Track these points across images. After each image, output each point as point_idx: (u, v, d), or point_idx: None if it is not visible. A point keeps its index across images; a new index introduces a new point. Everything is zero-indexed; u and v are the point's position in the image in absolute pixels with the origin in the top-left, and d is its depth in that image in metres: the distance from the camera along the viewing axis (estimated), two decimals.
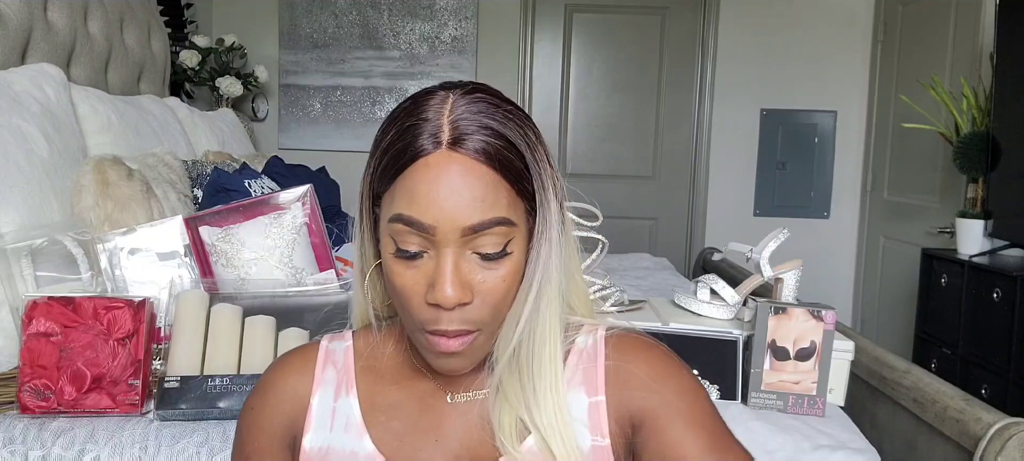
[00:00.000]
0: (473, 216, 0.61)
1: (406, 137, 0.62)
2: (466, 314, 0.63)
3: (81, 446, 1.13)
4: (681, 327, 1.38)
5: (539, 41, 3.83)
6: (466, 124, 0.62)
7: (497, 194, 0.62)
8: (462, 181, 0.61)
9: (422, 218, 0.61)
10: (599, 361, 0.70)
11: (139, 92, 2.48)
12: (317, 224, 1.53)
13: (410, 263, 0.63)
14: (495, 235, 0.62)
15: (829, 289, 3.63)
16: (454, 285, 0.61)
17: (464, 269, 0.62)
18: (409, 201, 0.61)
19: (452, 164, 0.61)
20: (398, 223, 0.62)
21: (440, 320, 0.63)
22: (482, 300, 0.63)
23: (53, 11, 1.97)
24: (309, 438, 0.71)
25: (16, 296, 1.30)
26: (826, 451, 1.16)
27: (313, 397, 0.72)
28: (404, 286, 0.63)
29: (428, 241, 0.62)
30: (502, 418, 0.67)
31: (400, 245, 0.63)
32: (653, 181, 3.88)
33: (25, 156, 1.46)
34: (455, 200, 0.60)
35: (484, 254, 0.63)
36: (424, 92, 0.66)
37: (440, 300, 0.61)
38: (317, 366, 0.74)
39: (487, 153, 0.62)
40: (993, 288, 2.20)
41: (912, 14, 3.32)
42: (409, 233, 0.62)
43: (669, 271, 2.62)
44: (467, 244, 0.62)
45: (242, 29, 3.59)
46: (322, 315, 1.35)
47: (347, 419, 0.71)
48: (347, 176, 2.82)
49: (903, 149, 3.34)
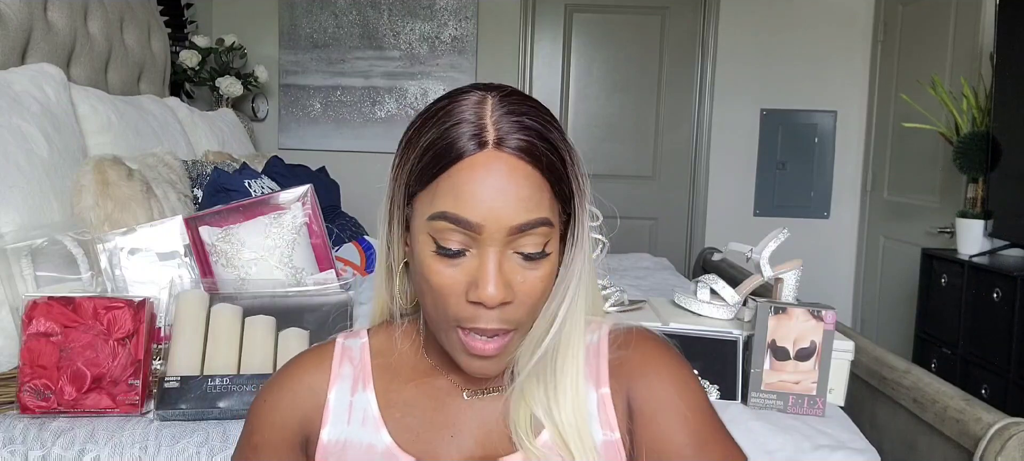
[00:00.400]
0: (519, 216, 0.62)
1: (449, 136, 0.63)
2: (505, 313, 0.64)
3: (81, 446, 1.13)
4: (681, 327, 1.38)
5: (539, 41, 3.83)
6: (510, 125, 0.63)
7: (541, 194, 0.63)
8: (509, 181, 0.62)
9: (469, 216, 0.61)
10: (603, 354, 0.72)
11: (139, 92, 2.48)
12: (317, 224, 1.53)
13: (451, 261, 0.63)
14: (537, 235, 0.63)
15: (829, 289, 3.63)
16: (498, 284, 0.62)
17: (506, 269, 0.63)
18: (455, 199, 0.62)
19: (499, 163, 0.62)
20: (442, 221, 0.62)
21: (479, 318, 0.63)
22: (520, 300, 0.64)
23: (53, 11, 1.97)
24: (327, 431, 0.71)
25: (16, 296, 1.30)
26: (826, 451, 1.16)
27: (330, 392, 0.73)
28: (443, 284, 0.64)
29: (472, 239, 0.63)
30: (518, 414, 0.68)
31: (441, 243, 0.63)
32: (653, 181, 3.88)
33: (25, 156, 1.46)
34: (502, 199, 0.62)
35: (526, 254, 0.64)
36: (458, 92, 0.67)
37: (483, 298, 0.62)
38: (334, 362, 0.74)
39: (532, 153, 0.63)
40: (993, 288, 2.20)
41: (912, 14, 3.32)
42: (453, 231, 0.62)
43: (669, 271, 2.62)
44: (510, 244, 0.63)
45: (242, 29, 3.59)
46: (322, 315, 1.35)
47: (364, 413, 0.71)
48: (347, 176, 2.82)
49: (903, 149, 3.34)
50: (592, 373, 0.72)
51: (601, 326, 0.75)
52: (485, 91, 0.66)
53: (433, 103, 0.67)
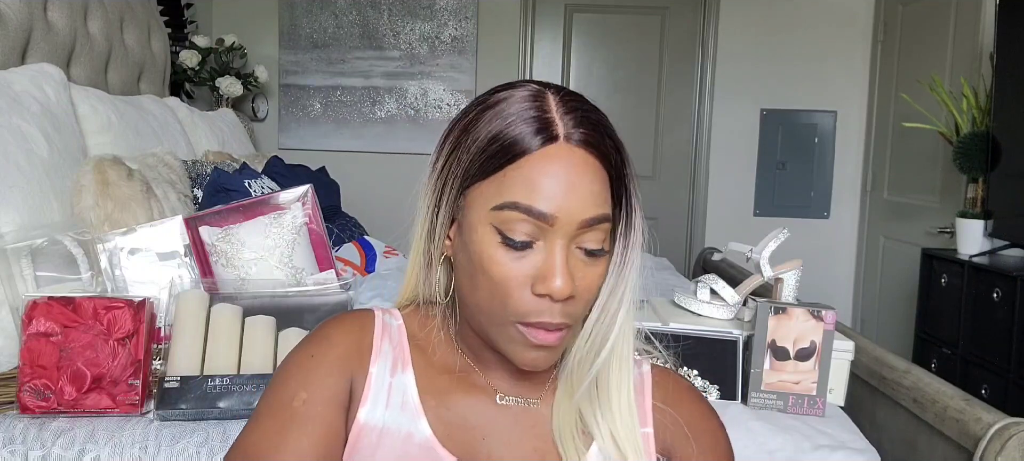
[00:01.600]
0: (589, 210, 0.62)
1: (517, 128, 0.63)
2: (567, 307, 0.64)
3: (81, 446, 1.13)
4: (681, 327, 1.38)
5: (539, 41, 3.83)
6: (576, 119, 0.63)
7: (605, 190, 0.64)
8: (581, 175, 0.62)
9: (542, 207, 0.62)
10: (647, 395, 0.73)
11: (139, 92, 2.48)
12: (317, 224, 1.53)
13: (517, 253, 0.63)
14: (600, 231, 0.64)
15: (829, 289, 3.63)
16: (566, 277, 0.62)
17: (570, 263, 0.63)
18: (527, 190, 0.62)
19: (571, 156, 0.62)
20: (512, 211, 0.62)
21: (544, 312, 0.63)
22: (579, 296, 0.64)
23: (53, 11, 1.97)
24: (366, 411, 0.68)
25: (16, 296, 1.30)
26: (826, 451, 1.16)
27: (373, 366, 0.70)
28: (506, 276, 0.63)
29: (540, 231, 0.63)
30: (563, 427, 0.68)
31: (508, 234, 0.63)
32: (653, 181, 3.88)
33: (25, 156, 1.46)
34: (576, 193, 0.62)
35: (588, 250, 0.64)
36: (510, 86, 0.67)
37: (552, 291, 0.62)
38: (376, 334, 0.72)
39: (599, 148, 0.64)
40: (993, 288, 2.20)
41: (912, 14, 3.32)
42: (523, 222, 0.62)
43: (669, 271, 2.62)
44: (575, 239, 0.63)
45: (242, 29, 3.59)
46: (322, 315, 1.35)
47: (404, 397, 0.69)
48: (347, 176, 2.82)
49: (903, 149, 3.34)
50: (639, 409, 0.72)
51: (642, 363, 0.76)
52: (540, 86, 0.66)
53: (486, 96, 0.67)
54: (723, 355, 1.34)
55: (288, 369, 0.69)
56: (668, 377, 0.75)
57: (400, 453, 0.67)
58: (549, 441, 0.70)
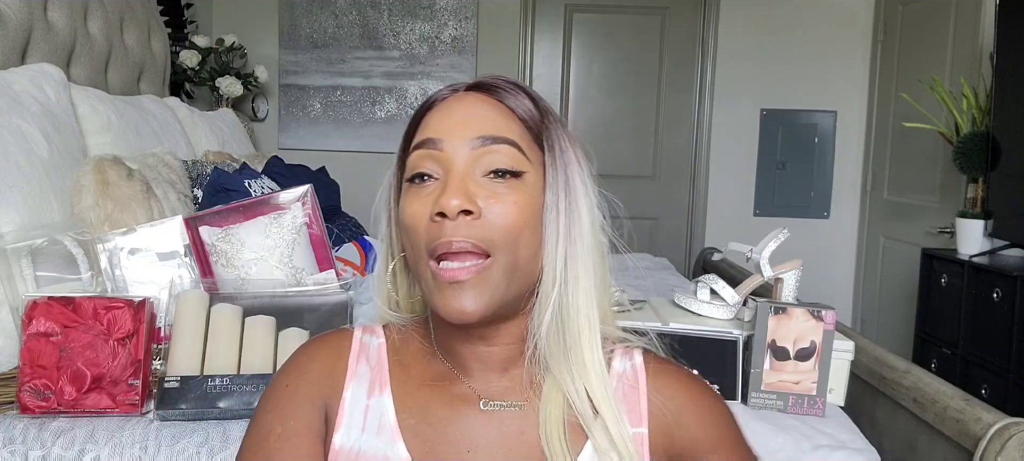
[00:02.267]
0: (482, 129, 0.65)
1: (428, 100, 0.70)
2: (473, 229, 0.62)
3: (81, 446, 1.13)
4: (681, 327, 1.38)
5: (539, 41, 3.83)
6: (486, 78, 0.70)
7: (509, 124, 0.67)
8: (475, 106, 0.67)
9: (432, 135, 0.66)
10: (641, 390, 0.71)
11: (139, 92, 2.48)
12: (317, 224, 1.53)
13: (421, 189, 0.65)
14: (503, 154, 0.65)
15: (829, 289, 3.63)
16: (458, 192, 0.62)
17: (471, 187, 0.64)
18: (423, 129, 0.68)
19: (468, 98, 0.68)
20: (414, 152, 0.67)
21: (444, 232, 0.62)
22: (491, 219, 0.63)
23: (53, 11, 1.97)
24: (340, 436, 0.67)
25: (16, 296, 1.30)
26: (826, 451, 1.16)
27: (346, 390, 0.69)
28: (414, 213, 0.65)
29: (437, 162, 0.65)
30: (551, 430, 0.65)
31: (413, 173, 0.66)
32: (653, 181, 3.88)
33: (25, 156, 1.46)
34: (465, 115, 0.66)
35: (495, 171, 0.65)
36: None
37: (443, 206, 0.62)
38: (351, 356, 0.71)
39: (502, 92, 0.68)
40: (993, 288, 2.20)
41: (912, 14, 3.32)
42: (422, 157, 0.66)
43: (669, 271, 2.62)
44: (476, 163, 0.65)
45: (242, 29, 3.59)
46: (322, 315, 1.35)
47: (380, 420, 0.68)
48: (347, 176, 2.82)
49: (903, 149, 3.34)
50: (630, 407, 0.70)
51: (631, 353, 0.73)
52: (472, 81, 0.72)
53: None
54: (723, 355, 1.34)
55: (265, 402, 0.70)
56: (660, 366, 0.73)
57: None
58: (537, 447, 0.66)
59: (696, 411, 0.70)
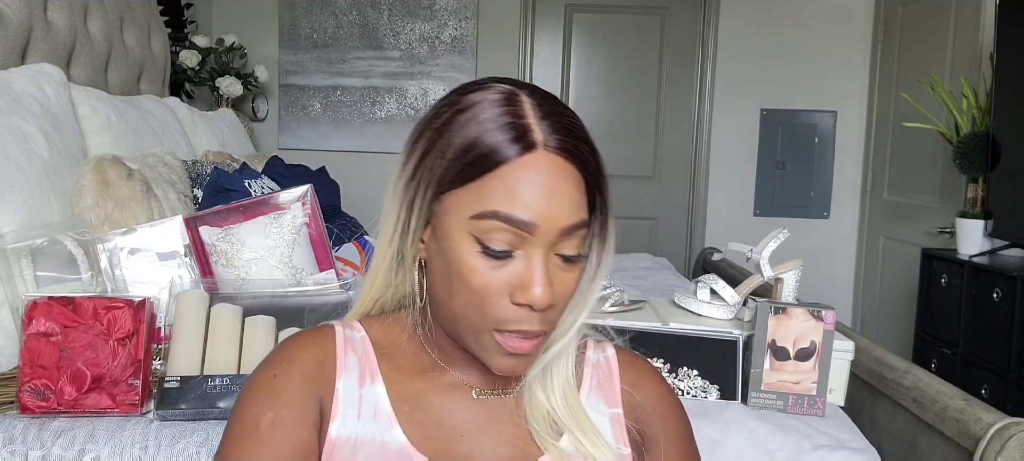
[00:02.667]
0: (569, 217, 0.62)
1: (493, 136, 0.62)
2: (546, 315, 0.64)
3: (81, 446, 1.13)
4: (681, 327, 1.38)
5: (539, 41, 3.83)
6: (553, 124, 0.63)
7: (582, 196, 0.64)
8: (561, 182, 0.62)
9: (524, 217, 0.61)
10: (614, 378, 0.76)
11: (139, 92, 2.48)
12: (317, 224, 1.53)
13: (497, 262, 0.62)
14: (578, 238, 0.64)
15: (829, 289, 3.63)
16: (546, 286, 0.62)
17: (549, 271, 0.63)
18: (510, 200, 0.61)
19: (552, 165, 0.62)
20: (492, 220, 0.61)
21: (522, 320, 0.63)
22: (557, 303, 0.64)
23: (53, 11, 1.97)
24: (336, 426, 0.67)
25: (16, 296, 1.30)
26: (826, 451, 1.16)
27: (338, 381, 0.68)
28: (485, 285, 0.62)
29: (521, 240, 0.62)
30: (536, 416, 0.69)
31: (488, 243, 0.62)
32: (653, 181, 3.88)
33: (25, 156, 1.46)
34: (556, 201, 0.61)
35: (565, 256, 0.64)
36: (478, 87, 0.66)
37: (533, 301, 0.61)
38: (338, 349, 0.70)
39: (577, 156, 0.63)
40: (993, 288, 2.20)
41: (912, 14, 3.32)
42: (503, 231, 0.61)
43: (669, 271, 2.62)
44: (554, 246, 0.63)
45: (242, 29, 3.59)
46: (322, 315, 1.35)
47: (375, 408, 0.68)
48: (347, 176, 2.82)
49: (903, 149, 3.34)
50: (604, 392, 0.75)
51: (604, 346, 0.78)
52: (511, 87, 0.65)
53: (456, 96, 0.66)
54: (723, 355, 1.34)
55: (251, 392, 0.67)
56: (634, 360, 0.78)
57: None
58: (525, 429, 0.70)
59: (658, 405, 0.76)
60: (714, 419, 1.23)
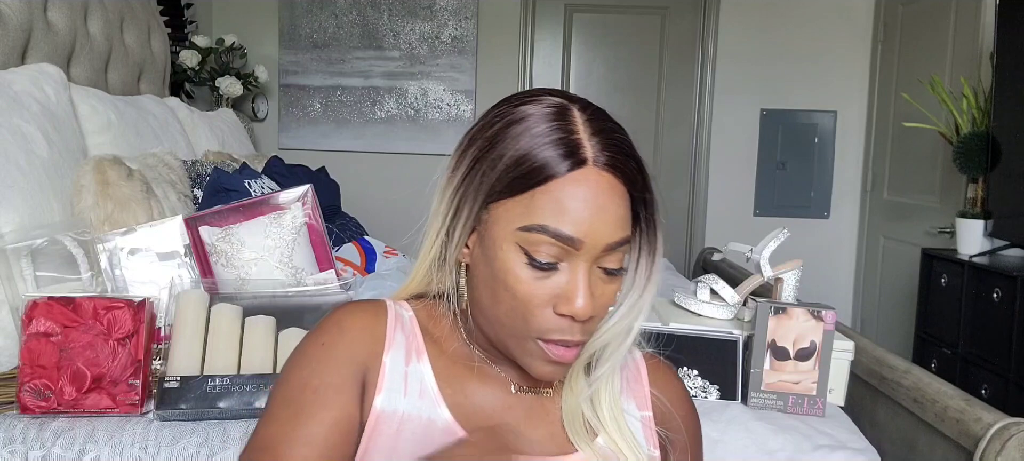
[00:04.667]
0: (613, 234, 0.64)
1: (546, 150, 0.63)
2: (587, 325, 0.66)
3: (81, 446, 1.13)
4: (681, 327, 1.38)
5: (539, 41, 3.83)
6: (603, 141, 0.64)
7: (628, 212, 0.66)
8: (609, 199, 0.64)
9: (571, 232, 0.63)
10: (643, 381, 0.79)
11: (139, 92, 2.48)
12: (317, 224, 1.53)
13: (542, 274, 0.64)
14: (621, 253, 0.66)
15: (829, 289, 3.63)
16: (589, 299, 0.64)
17: (591, 283, 0.65)
18: (558, 215, 0.63)
19: (599, 181, 0.63)
20: (540, 234, 0.63)
21: (565, 330, 0.65)
22: (599, 312, 0.67)
23: (53, 11, 1.97)
24: (382, 399, 0.68)
25: (16, 296, 1.30)
26: (826, 451, 1.16)
27: (386, 354, 0.70)
28: (530, 295, 0.64)
29: (565, 254, 0.64)
30: (574, 417, 0.72)
31: (534, 255, 0.64)
32: (653, 181, 3.87)
33: (25, 156, 1.46)
34: (603, 217, 0.63)
35: (608, 270, 0.66)
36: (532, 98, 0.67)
37: (576, 312, 0.64)
38: (389, 323, 0.72)
39: (625, 172, 0.65)
40: (993, 288, 2.20)
41: (912, 14, 3.32)
42: (549, 244, 0.63)
43: (669, 271, 2.62)
44: (597, 260, 0.65)
45: (242, 29, 3.59)
46: (322, 315, 1.34)
47: (421, 385, 0.70)
48: (347, 176, 2.82)
49: (903, 149, 3.34)
50: (634, 393, 0.78)
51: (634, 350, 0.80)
52: (564, 100, 0.66)
53: (508, 107, 0.67)
54: (723, 355, 1.34)
55: (300, 358, 0.69)
56: (659, 364, 0.81)
57: (422, 438, 0.68)
58: (561, 427, 0.73)
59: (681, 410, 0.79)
60: (714, 419, 1.23)
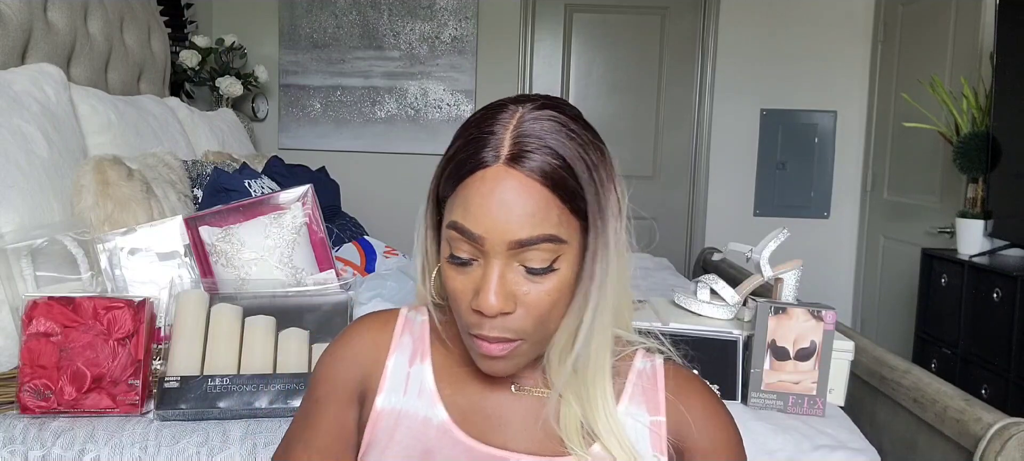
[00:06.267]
0: (521, 231, 0.64)
1: (470, 148, 0.66)
2: (508, 323, 0.66)
3: (81, 446, 1.13)
4: (681, 327, 1.38)
5: (539, 41, 3.83)
6: (527, 141, 0.65)
7: (548, 212, 0.64)
8: (514, 196, 0.64)
9: (473, 228, 0.64)
10: (659, 387, 0.76)
11: (139, 92, 2.48)
12: (317, 224, 1.53)
13: (462, 269, 0.67)
14: (542, 251, 0.65)
15: (829, 289, 3.63)
16: (497, 295, 0.64)
17: (509, 280, 0.65)
18: (464, 211, 0.65)
19: (507, 179, 0.64)
20: (453, 230, 0.66)
21: (483, 326, 0.66)
22: (526, 311, 0.66)
23: (53, 11, 1.97)
24: (382, 398, 0.74)
25: (16, 296, 1.30)
26: (826, 451, 1.16)
27: (389, 358, 0.75)
28: (455, 289, 0.67)
29: (478, 250, 0.65)
30: (568, 421, 0.71)
31: (453, 251, 0.67)
32: (653, 181, 3.88)
33: (25, 156, 1.46)
34: (505, 214, 0.64)
35: (530, 268, 0.65)
36: (497, 104, 0.69)
37: (482, 307, 0.65)
38: (396, 329, 0.77)
39: (542, 171, 0.64)
40: (993, 288, 2.20)
41: (912, 14, 3.32)
42: (461, 240, 0.65)
43: (669, 271, 2.62)
44: (514, 257, 0.65)
45: (242, 29, 3.59)
46: (322, 315, 1.35)
47: (421, 385, 0.74)
48: (347, 176, 2.82)
49: (903, 149, 3.34)
50: (647, 398, 0.75)
51: (653, 356, 0.78)
52: (521, 104, 0.67)
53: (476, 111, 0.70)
54: (723, 355, 1.34)
55: (316, 368, 0.78)
56: (680, 372, 0.78)
57: (418, 435, 0.72)
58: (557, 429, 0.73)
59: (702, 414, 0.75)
60: None
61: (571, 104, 0.71)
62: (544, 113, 0.66)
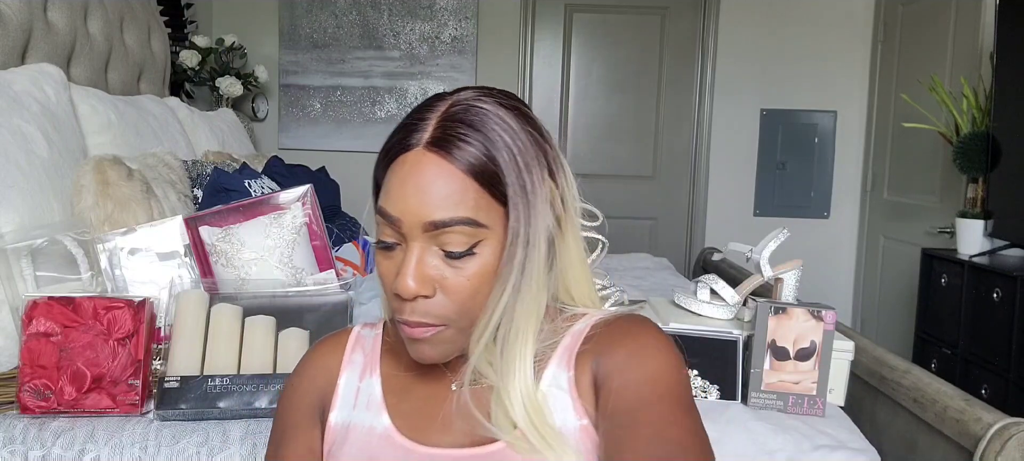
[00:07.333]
0: (435, 212, 0.64)
1: (399, 133, 0.68)
2: (429, 307, 0.66)
3: (81, 446, 1.13)
4: (681, 327, 1.38)
5: (539, 41, 3.83)
6: (450, 126, 0.65)
7: (464, 195, 0.65)
8: (431, 179, 0.64)
9: (391, 211, 0.66)
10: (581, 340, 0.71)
11: (139, 92, 2.48)
12: (317, 224, 1.53)
13: (387, 253, 0.68)
14: (459, 234, 0.65)
15: (829, 289, 3.63)
16: (413, 278, 0.65)
17: (428, 264, 0.66)
18: (386, 194, 0.67)
19: (425, 162, 0.65)
20: (378, 215, 0.67)
21: (404, 309, 0.67)
22: (445, 296, 0.66)
23: (53, 11, 1.97)
24: (334, 415, 0.75)
25: (16, 296, 1.30)
26: (826, 451, 1.16)
27: (341, 377, 0.77)
28: (381, 274, 0.69)
29: (398, 233, 0.66)
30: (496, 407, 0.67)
31: (379, 235, 0.68)
32: (653, 181, 3.88)
33: (25, 156, 1.46)
34: (420, 197, 0.64)
35: (449, 252, 0.65)
36: (440, 93, 0.70)
37: (399, 290, 0.65)
38: (347, 349, 0.79)
39: (461, 155, 0.65)
40: (993, 288, 2.20)
41: (912, 14, 3.32)
42: (384, 224, 0.67)
43: (669, 271, 2.62)
44: (432, 240, 0.65)
45: (242, 29, 3.59)
46: (322, 315, 1.35)
47: (369, 398, 0.75)
48: (347, 176, 2.82)
49: (903, 149, 3.34)
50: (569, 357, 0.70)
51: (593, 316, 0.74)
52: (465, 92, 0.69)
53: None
54: (723, 355, 1.34)
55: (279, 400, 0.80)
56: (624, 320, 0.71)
57: (363, 443, 0.72)
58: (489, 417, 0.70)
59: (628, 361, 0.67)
60: (714, 419, 1.23)
61: (518, 97, 0.71)
62: (478, 101, 0.67)
